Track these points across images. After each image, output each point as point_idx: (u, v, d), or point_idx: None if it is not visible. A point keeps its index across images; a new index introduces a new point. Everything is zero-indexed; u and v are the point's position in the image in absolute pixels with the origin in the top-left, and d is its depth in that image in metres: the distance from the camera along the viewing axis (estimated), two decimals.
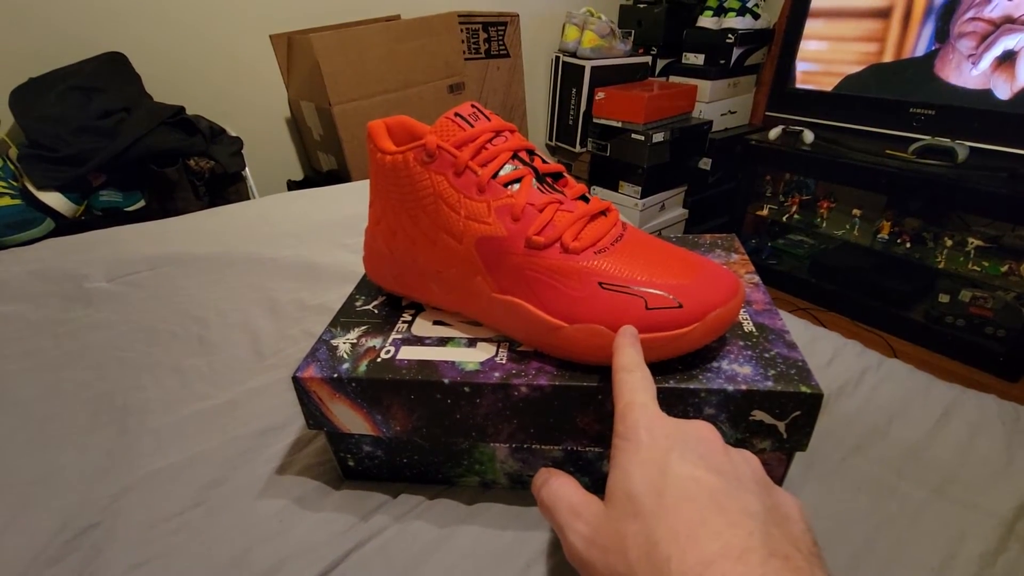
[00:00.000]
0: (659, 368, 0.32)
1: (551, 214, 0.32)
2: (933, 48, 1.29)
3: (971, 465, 0.39)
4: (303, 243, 0.75)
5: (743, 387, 0.31)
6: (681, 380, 0.32)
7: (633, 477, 0.22)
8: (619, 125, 1.73)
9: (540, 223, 0.32)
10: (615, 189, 1.84)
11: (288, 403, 0.47)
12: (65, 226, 0.98)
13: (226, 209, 0.91)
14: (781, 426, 0.32)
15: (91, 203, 1.03)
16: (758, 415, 0.32)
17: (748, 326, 0.36)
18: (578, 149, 1.93)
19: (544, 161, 0.35)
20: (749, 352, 0.34)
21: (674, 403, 0.32)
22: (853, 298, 1.49)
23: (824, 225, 1.56)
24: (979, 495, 0.37)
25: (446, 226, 0.34)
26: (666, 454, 0.22)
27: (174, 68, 1.27)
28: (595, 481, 0.38)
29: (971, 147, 1.25)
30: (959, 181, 1.20)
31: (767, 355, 0.33)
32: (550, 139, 2.05)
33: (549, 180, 0.34)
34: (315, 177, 1.53)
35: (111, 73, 1.11)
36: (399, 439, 0.38)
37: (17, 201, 0.95)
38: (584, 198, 0.34)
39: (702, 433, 0.24)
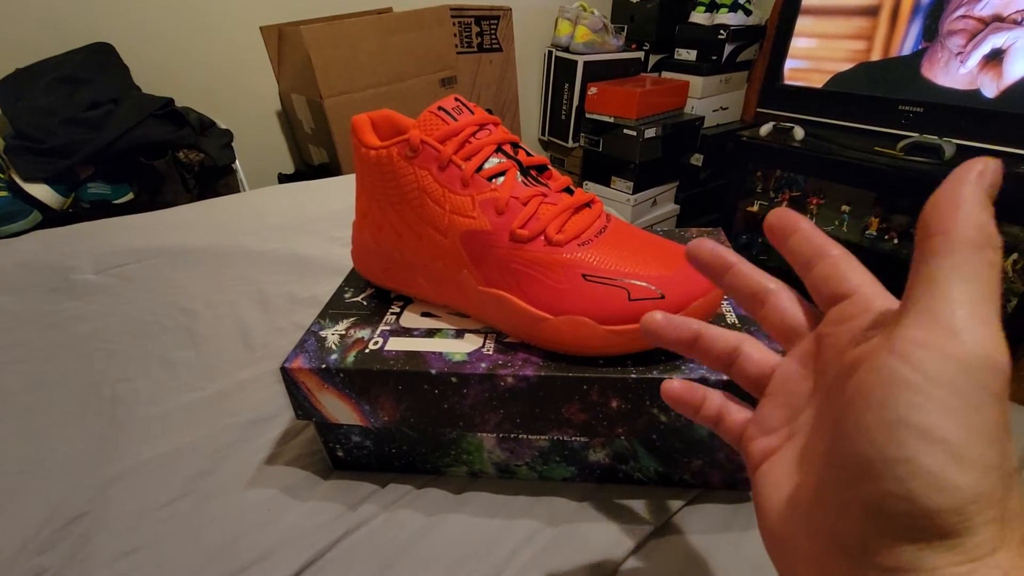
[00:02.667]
0: (641, 359, 0.33)
1: (535, 207, 0.33)
2: (920, 47, 1.31)
3: None
4: (294, 236, 0.75)
5: (724, 377, 0.32)
6: (665, 370, 0.32)
7: None
8: (611, 120, 1.73)
9: (524, 216, 0.33)
10: (607, 184, 1.84)
11: (277, 395, 0.47)
12: (52, 218, 0.97)
13: (216, 202, 0.91)
14: None
15: (79, 195, 1.02)
16: None
17: (731, 318, 0.37)
18: (571, 144, 1.93)
19: (528, 154, 0.36)
20: None
21: (656, 393, 0.32)
22: None
23: (814, 221, 1.57)
24: None
25: (431, 220, 0.35)
26: None
27: (163, 59, 1.26)
28: (581, 470, 0.39)
29: (958, 144, 1.26)
30: (946, 178, 1.22)
31: None
32: (543, 134, 2.05)
33: (533, 173, 0.35)
34: (306, 170, 1.52)
35: (98, 64, 1.09)
36: (387, 429, 0.38)
37: (4, 193, 0.94)
38: (568, 190, 0.35)
39: None
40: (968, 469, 0.13)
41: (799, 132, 1.50)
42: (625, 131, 1.70)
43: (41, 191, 0.96)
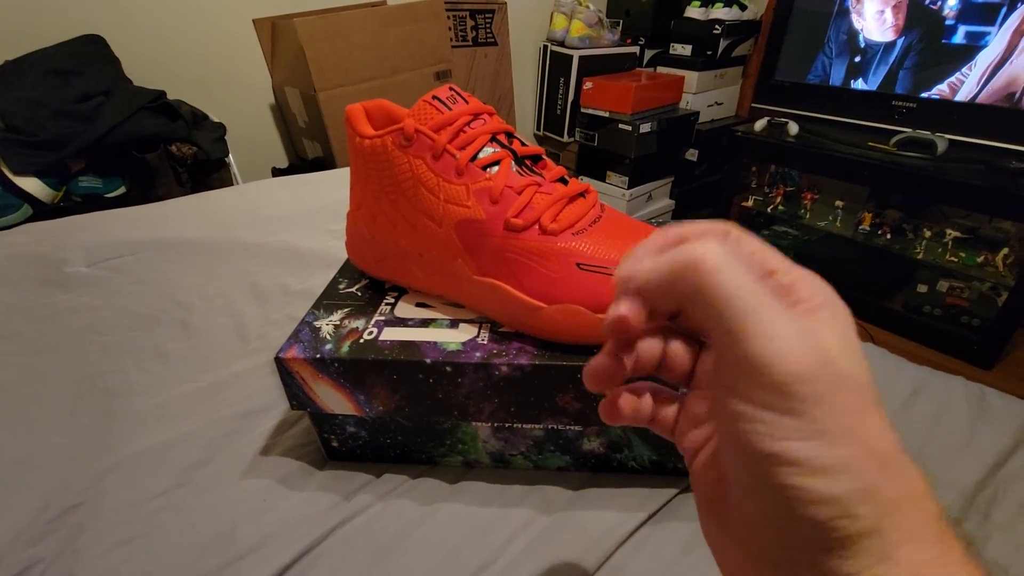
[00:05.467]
0: None
1: (529, 196, 0.33)
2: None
3: (936, 441, 0.41)
4: (288, 229, 0.74)
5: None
6: None
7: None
8: (607, 115, 1.73)
9: (518, 205, 0.33)
10: (602, 179, 1.84)
11: (272, 386, 0.47)
12: (43, 212, 0.96)
13: (210, 195, 0.90)
14: None
15: (70, 189, 1.01)
16: None
17: None
18: (566, 139, 1.93)
19: (523, 144, 0.36)
20: None
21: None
22: (835, 289, 1.51)
23: (808, 216, 1.58)
24: (942, 469, 0.38)
25: (426, 210, 0.35)
26: None
27: (154, 52, 1.25)
28: (576, 459, 0.39)
29: (950, 140, 1.27)
30: (938, 173, 1.22)
31: None
32: (538, 129, 2.04)
33: (528, 163, 0.35)
34: (300, 164, 1.52)
35: (89, 56, 1.08)
36: (382, 419, 0.38)
37: None
38: (563, 180, 0.35)
39: None
40: (833, 478, 0.14)
41: (793, 127, 1.50)
42: (620, 126, 1.70)
43: (32, 184, 0.95)
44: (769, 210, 1.66)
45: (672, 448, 0.37)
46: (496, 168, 0.34)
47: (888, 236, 1.42)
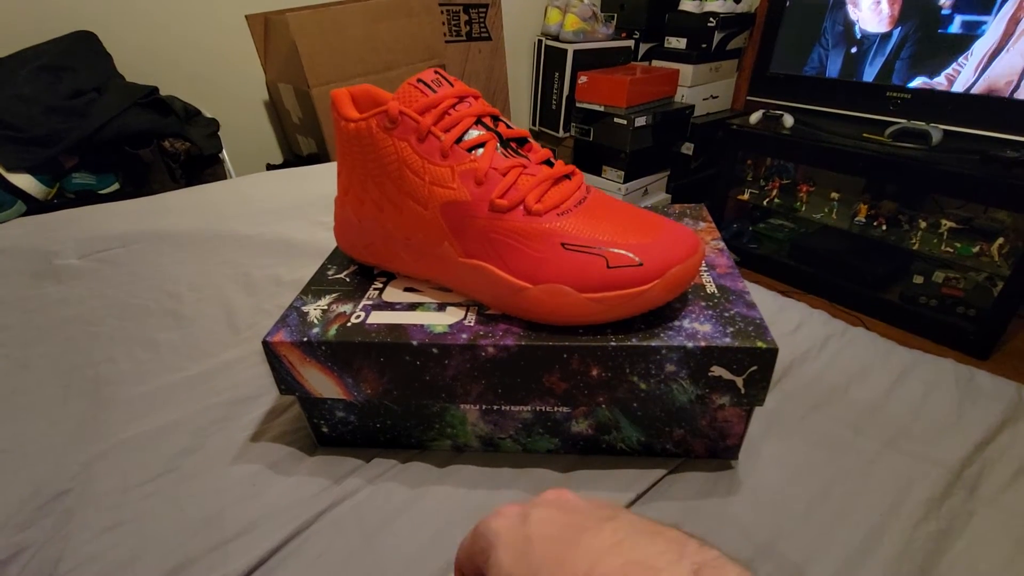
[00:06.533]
0: (620, 327, 0.33)
1: (514, 177, 0.33)
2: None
3: (923, 420, 0.41)
4: (280, 221, 0.74)
5: (702, 343, 0.32)
6: (644, 338, 0.33)
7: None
8: (602, 109, 1.73)
9: (503, 186, 0.33)
10: (598, 174, 1.84)
11: (263, 374, 0.47)
12: (37, 209, 0.96)
13: (202, 188, 0.90)
14: (739, 381, 0.33)
15: (63, 185, 1.01)
16: (717, 371, 0.33)
17: (711, 288, 0.37)
18: (561, 134, 1.93)
19: (508, 126, 0.36)
20: (710, 312, 0.35)
21: (636, 360, 0.33)
22: (831, 280, 1.51)
23: (803, 209, 1.59)
24: (929, 447, 0.38)
25: (411, 192, 0.35)
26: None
27: (146, 48, 1.25)
28: (565, 442, 0.39)
29: (945, 130, 1.27)
30: (933, 164, 1.23)
31: (727, 314, 0.34)
32: (533, 124, 2.04)
33: (513, 145, 0.35)
34: (295, 161, 1.52)
35: (81, 52, 1.08)
36: (371, 403, 0.38)
37: None
38: (548, 162, 0.35)
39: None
40: None
41: (789, 120, 1.50)
42: (616, 120, 1.70)
43: (25, 181, 0.95)
44: (765, 203, 1.66)
45: (659, 429, 0.37)
46: (481, 150, 0.34)
47: (884, 227, 1.42)
